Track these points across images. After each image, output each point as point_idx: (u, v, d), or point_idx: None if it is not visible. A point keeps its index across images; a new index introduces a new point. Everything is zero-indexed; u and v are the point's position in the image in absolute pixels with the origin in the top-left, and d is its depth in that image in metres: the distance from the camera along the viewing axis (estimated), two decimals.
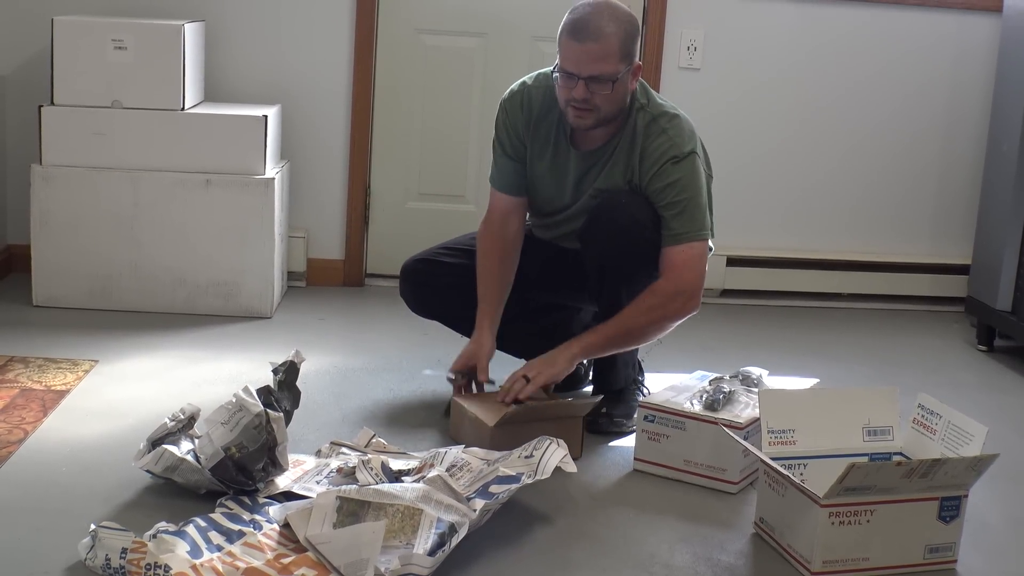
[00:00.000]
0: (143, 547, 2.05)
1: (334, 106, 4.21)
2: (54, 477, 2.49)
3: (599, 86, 2.70)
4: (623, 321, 2.78)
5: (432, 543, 2.11)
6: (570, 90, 2.72)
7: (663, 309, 2.76)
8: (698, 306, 2.80)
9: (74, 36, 3.68)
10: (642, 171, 2.80)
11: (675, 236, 2.76)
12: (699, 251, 2.78)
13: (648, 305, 2.76)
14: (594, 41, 2.67)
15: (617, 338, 2.81)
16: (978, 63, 4.39)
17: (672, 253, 2.77)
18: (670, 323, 2.80)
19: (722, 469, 2.64)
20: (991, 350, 3.98)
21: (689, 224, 2.76)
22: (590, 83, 2.69)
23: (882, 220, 4.50)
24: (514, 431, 2.61)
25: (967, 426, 2.36)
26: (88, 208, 3.69)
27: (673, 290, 2.76)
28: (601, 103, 2.73)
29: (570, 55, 2.70)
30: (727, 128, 4.29)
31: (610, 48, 2.68)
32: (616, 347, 2.86)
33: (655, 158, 2.78)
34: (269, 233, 3.77)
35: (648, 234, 2.77)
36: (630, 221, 2.76)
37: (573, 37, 2.69)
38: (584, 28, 2.69)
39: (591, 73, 2.69)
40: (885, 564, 2.28)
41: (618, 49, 2.69)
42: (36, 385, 3.01)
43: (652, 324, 2.79)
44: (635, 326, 2.79)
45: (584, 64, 2.69)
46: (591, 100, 2.72)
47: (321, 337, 3.65)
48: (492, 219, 2.99)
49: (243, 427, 2.37)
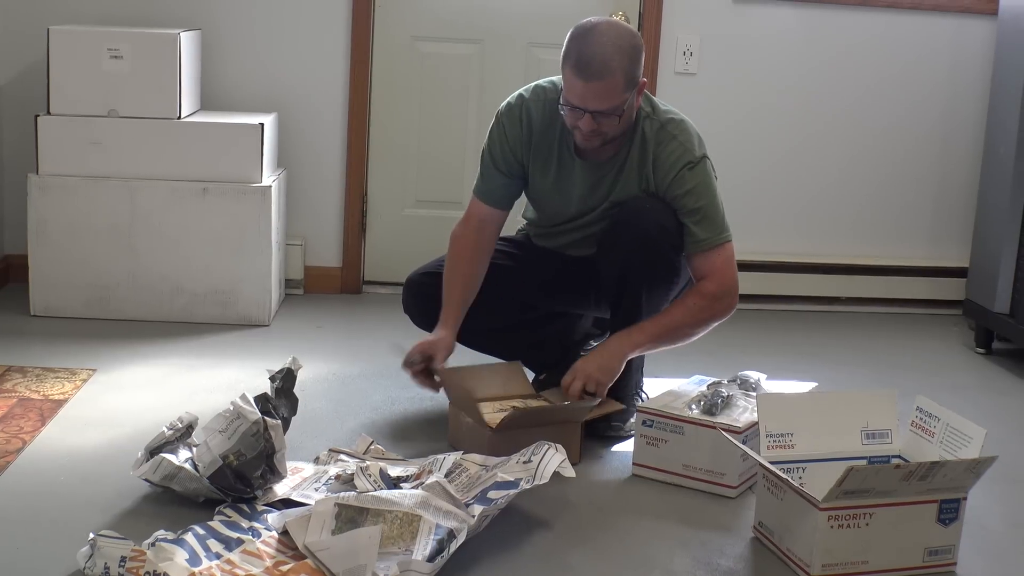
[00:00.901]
0: (142, 555, 2.05)
1: (331, 114, 4.21)
2: (52, 486, 2.49)
3: (606, 119, 2.69)
4: (670, 321, 2.79)
5: (431, 549, 2.11)
6: (576, 119, 2.70)
7: (711, 310, 2.79)
8: (736, 305, 2.83)
9: (70, 46, 3.69)
10: (657, 179, 2.80)
11: (702, 242, 2.78)
12: (730, 252, 2.81)
13: (697, 306, 2.78)
14: (599, 79, 2.63)
15: (663, 337, 2.82)
16: (974, 66, 4.39)
17: (707, 258, 2.78)
18: (714, 323, 2.83)
19: (721, 473, 2.63)
20: (989, 353, 3.98)
21: (712, 229, 2.78)
22: (596, 116, 2.68)
23: (880, 224, 4.50)
24: (513, 436, 2.61)
25: (965, 428, 2.36)
26: (85, 217, 3.69)
27: (719, 291, 2.78)
28: (608, 130, 2.72)
29: (575, 90, 2.66)
30: (722, 133, 4.29)
31: (615, 84, 2.64)
32: (660, 346, 2.86)
33: (669, 165, 2.78)
34: (266, 241, 3.77)
35: (674, 240, 2.79)
36: (657, 228, 2.77)
37: (578, 74, 2.64)
38: (588, 65, 2.62)
39: (597, 108, 2.67)
40: (884, 567, 2.28)
41: (623, 82, 2.65)
42: (34, 395, 3.01)
43: (699, 324, 2.81)
44: (682, 326, 2.80)
45: (590, 101, 2.66)
46: (598, 129, 2.71)
47: (319, 344, 3.65)
48: (468, 224, 2.97)
49: (241, 435, 2.37)
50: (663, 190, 2.80)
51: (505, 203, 2.98)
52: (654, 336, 2.80)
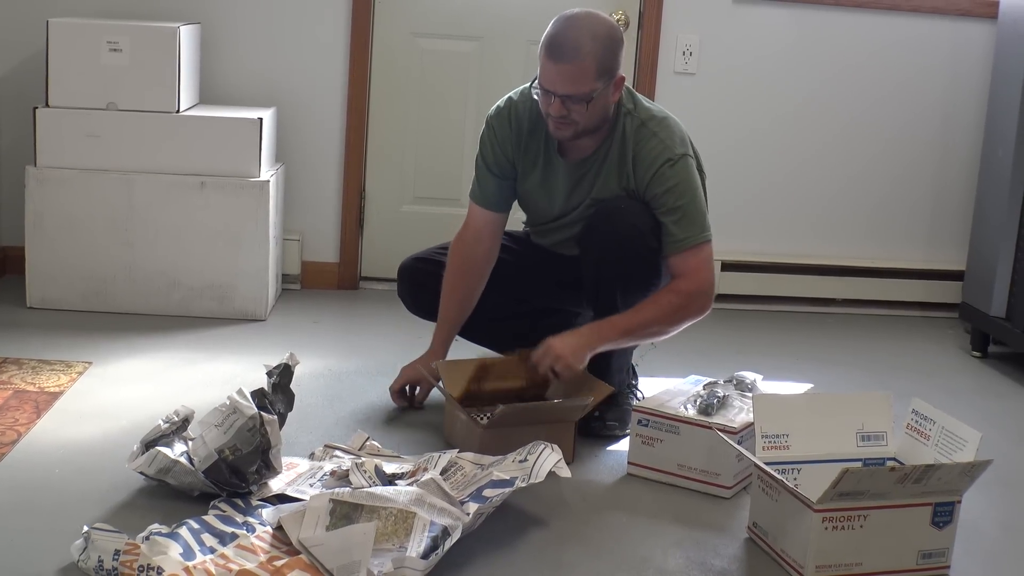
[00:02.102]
0: (136, 549, 2.05)
1: (329, 109, 4.21)
2: (47, 479, 2.49)
3: (575, 104, 2.70)
4: (642, 318, 2.78)
5: (425, 546, 2.11)
6: (547, 105, 2.73)
7: (685, 309, 2.78)
8: (711, 306, 2.82)
9: (69, 38, 3.68)
10: (637, 177, 2.80)
11: (680, 242, 2.77)
12: (708, 253, 2.81)
13: (671, 305, 2.77)
14: (568, 62, 2.65)
15: (634, 334, 2.81)
16: (973, 69, 4.39)
17: (684, 258, 2.78)
18: (687, 322, 2.82)
19: (716, 474, 2.64)
20: (985, 356, 3.98)
21: (691, 228, 2.77)
22: (565, 101, 2.69)
23: (877, 226, 4.51)
24: (505, 434, 2.61)
25: (961, 432, 2.36)
26: (83, 210, 3.69)
27: (695, 290, 2.77)
28: (578, 118, 2.73)
29: (546, 73, 2.70)
30: (721, 133, 4.30)
31: (585, 69, 2.66)
32: (630, 341, 2.86)
33: (649, 162, 2.78)
34: (264, 236, 3.76)
35: (647, 241, 2.78)
36: (629, 228, 2.77)
37: (549, 56, 2.68)
38: (560, 47, 2.66)
39: (565, 92, 2.68)
40: (878, 569, 2.28)
41: (594, 68, 2.67)
42: (29, 387, 3.01)
43: (671, 323, 2.80)
44: (653, 323, 2.79)
45: (558, 84, 2.68)
46: (568, 116, 2.72)
47: (315, 340, 3.65)
48: (465, 237, 3.00)
49: (237, 429, 2.36)
50: (643, 188, 2.80)
51: (501, 205, 2.99)
52: (625, 331, 2.79)
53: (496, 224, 3.00)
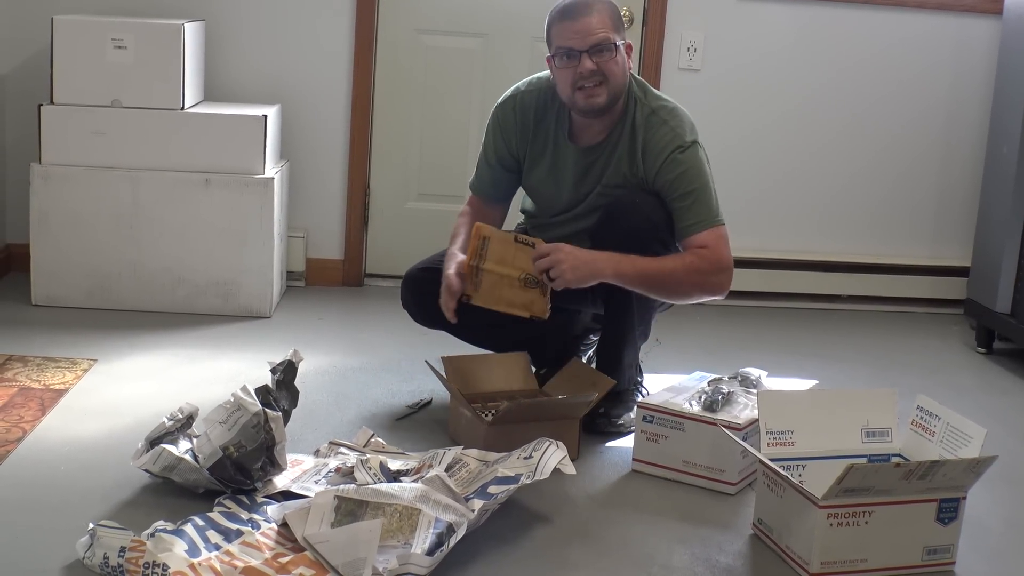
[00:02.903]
0: (141, 546, 2.05)
1: (334, 106, 4.21)
2: (52, 476, 2.49)
3: (605, 55, 2.74)
4: (660, 264, 2.73)
5: (430, 543, 2.11)
6: (575, 69, 2.74)
7: (705, 277, 2.75)
8: (729, 288, 2.80)
9: (74, 35, 3.68)
10: (647, 164, 2.81)
11: (694, 224, 2.76)
12: (725, 234, 2.78)
13: (692, 264, 2.73)
14: (587, 15, 2.75)
15: (650, 280, 2.75)
16: (978, 66, 4.39)
17: (701, 236, 2.75)
18: (703, 292, 2.79)
19: (720, 470, 2.63)
20: (990, 352, 3.98)
21: (704, 212, 2.77)
22: (594, 54, 2.74)
23: (882, 222, 4.50)
24: (509, 431, 2.61)
25: (966, 428, 2.36)
26: (87, 207, 3.69)
27: (716, 259, 2.74)
28: (609, 73, 2.75)
29: (567, 33, 2.76)
30: (726, 129, 4.29)
31: (603, 18, 2.76)
32: (640, 287, 2.77)
33: (659, 149, 2.79)
34: (268, 233, 3.77)
35: (661, 235, 2.78)
36: (645, 222, 2.77)
37: (566, 17, 2.77)
38: (573, 7, 2.77)
39: (593, 42, 2.73)
40: (883, 566, 2.28)
41: (609, 21, 2.77)
42: (35, 384, 3.01)
43: (688, 284, 2.76)
44: (671, 275, 2.74)
45: (584, 36, 2.74)
46: (600, 70, 2.74)
47: (320, 337, 3.65)
48: (470, 210, 3.04)
49: (241, 426, 2.37)
50: (653, 175, 2.80)
51: (499, 196, 2.99)
52: (640, 273, 2.73)
53: (491, 218, 2.99)
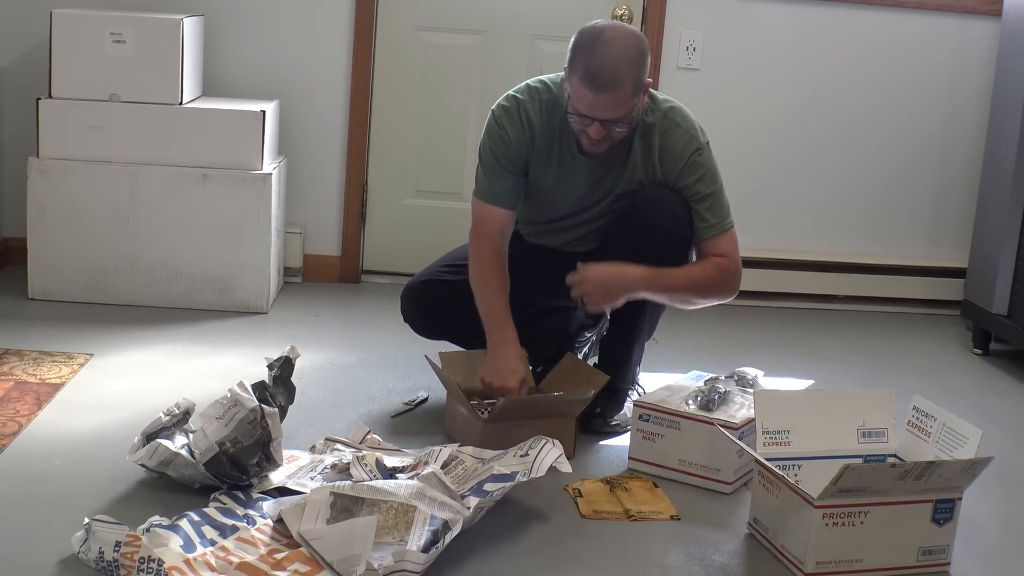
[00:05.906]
0: (136, 541, 2.05)
1: (332, 102, 4.21)
2: (48, 470, 2.49)
3: (616, 126, 2.68)
4: (687, 276, 2.79)
5: (426, 540, 2.11)
6: (585, 127, 2.69)
7: (720, 281, 2.80)
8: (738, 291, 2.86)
9: (73, 29, 3.68)
10: (666, 168, 2.80)
11: (713, 226, 2.80)
12: (736, 238, 2.85)
13: (712, 277, 2.79)
14: (610, 91, 2.61)
15: (676, 292, 2.80)
16: (977, 67, 4.39)
17: (718, 241, 2.80)
18: (716, 298, 2.83)
19: (716, 469, 2.64)
20: (986, 354, 3.98)
21: (721, 214, 2.81)
22: (606, 124, 2.67)
23: (879, 222, 4.50)
24: (505, 429, 2.61)
25: (961, 429, 2.36)
26: (85, 201, 3.69)
27: (733, 269, 2.81)
28: (618, 137, 2.72)
29: (584, 101, 2.64)
30: (724, 129, 4.28)
31: (625, 94, 2.63)
32: (667, 298, 2.84)
33: (679, 154, 2.79)
34: (266, 228, 3.76)
35: (685, 232, 2.80)
36: (670, 218, 2.78)
37: (587, 86, 2.61)
38: (597, 77, 2.59)
39: (607, 118, 2.66)
40: (878, 566, 2.28)
41: (632, 90, 2.63)
42: (31, 378, 3.01)
43: (708, 293, 2.81)
44: (694, 287, 2.79)
45: (599, 111, 2.64)
46: (609, 135, 2.70)
47: (317, 333, 3.65)
48: (489, 231, 2.88)
49: (238, 422, 2.37)
50: (673, 178, 2.80)
51: (515, 203, 2.95)
52: (669, 288, 2.78)
53: (512, 221, 2.93)
